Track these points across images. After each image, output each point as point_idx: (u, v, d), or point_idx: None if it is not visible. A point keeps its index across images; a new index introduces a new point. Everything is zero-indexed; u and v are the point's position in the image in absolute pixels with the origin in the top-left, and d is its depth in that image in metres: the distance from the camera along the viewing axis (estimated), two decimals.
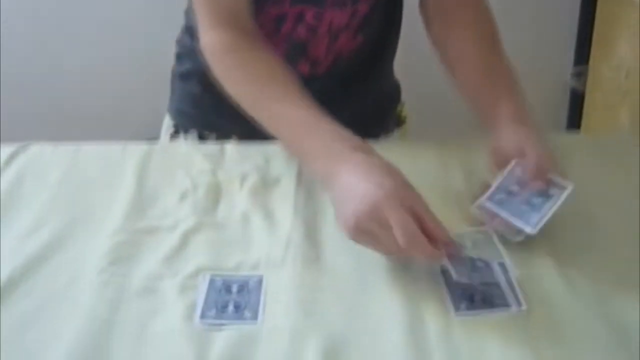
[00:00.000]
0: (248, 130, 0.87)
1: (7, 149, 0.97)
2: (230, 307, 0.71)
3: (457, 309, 0.71)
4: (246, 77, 0.88)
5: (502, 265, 0.75)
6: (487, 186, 0.82)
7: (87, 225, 0.83)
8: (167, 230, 0.82)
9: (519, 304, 0.71)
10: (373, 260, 0.77)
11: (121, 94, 1.99)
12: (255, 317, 0.70)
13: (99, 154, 0.97)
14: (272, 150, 0.95)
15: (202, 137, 1.04)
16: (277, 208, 0.85)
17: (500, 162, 0.83)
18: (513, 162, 0.81)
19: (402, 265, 0.76)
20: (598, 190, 0.87)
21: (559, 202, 0.77)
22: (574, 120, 2.08)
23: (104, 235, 0.81)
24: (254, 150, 0.95)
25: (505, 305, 0.71)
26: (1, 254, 0.78)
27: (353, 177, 0.73)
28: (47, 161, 0.95)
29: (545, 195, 0.78)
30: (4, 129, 1.67)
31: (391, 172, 0.74)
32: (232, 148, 0.96)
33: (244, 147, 0.96)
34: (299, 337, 0.68)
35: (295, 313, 0.71)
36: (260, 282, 0.74)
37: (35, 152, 0.97)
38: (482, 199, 0.80)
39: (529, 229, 0.76)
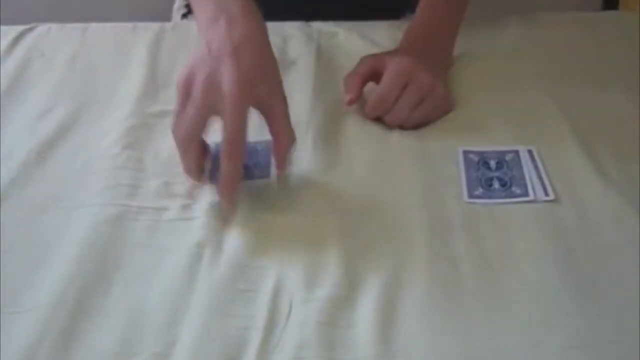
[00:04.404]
0: (260, 9, 0.82)
1: (12, 31, 0.94)
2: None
3: (470, 195, 0.69)
4: None
5: (531, 153, 0.72)
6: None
7: (98, 109, 0.81)
8: None
9: (546, 193, 0.68)
10: (394, 143, 0.75)
11: None
12: (267, 175, 0.69)
13: (108, 34, 0.94)
14: (290, 30, 0.92)
15: None
16: (295, 90, 0.82)
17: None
18: None
19: (421, 149, 0.74)
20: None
21: None
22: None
23: (116, 120, 0.79)
24: (271, 30, 0.90)
25: (525, 194, 0.68)
26: (12, 138, 0.77)
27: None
28: (54, 42, 0.93)
29: None
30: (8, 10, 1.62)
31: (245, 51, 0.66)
32: None
33: None
34: (318, 217, 0.67)
35: (313, 201, 0.69)
36: (267, 146, 0.70)
37: (42, 33, 0.94)
38: None
39: None
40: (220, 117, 0.65)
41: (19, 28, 0.94)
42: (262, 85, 0.66)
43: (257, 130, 0.69)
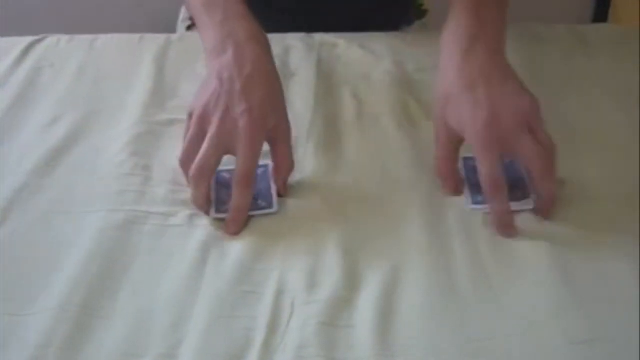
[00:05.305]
0: (262, 22, 0.84)
1: (23, 41, 0.96)
2: None
3: (473, 201, 0.70)
4: None
5: None
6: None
7: (106, 117, 0.82)
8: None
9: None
10: (394, 151, 0.76)
11: None
12: (271, 205, 0.70)
13: (116, 45, 0.96)
14: (291, 41, 0.93)
15: None
16: (297, 100, 0.84)
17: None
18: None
19: (422, 156, 0.75)
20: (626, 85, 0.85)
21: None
22: (602, 11, 2.00)
23: (123, 128, 0.80)
24: (274, 41, 0.92)
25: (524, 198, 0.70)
26: (23, 145, 0.78)
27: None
28: (63, 53, 0.94)
29: None
30: (18, 21, 1.64)
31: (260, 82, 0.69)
32: None
33: None
34: (319, 222, 0.68)
35: (314, 207, 0.70)
36: (266, 170, 0.72)
37: (52, 44, 0.96)
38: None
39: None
40: (234, 152, 0.68)
41: (30, 39, 0.96)
42: (271, 116, 0.69)
43: None
